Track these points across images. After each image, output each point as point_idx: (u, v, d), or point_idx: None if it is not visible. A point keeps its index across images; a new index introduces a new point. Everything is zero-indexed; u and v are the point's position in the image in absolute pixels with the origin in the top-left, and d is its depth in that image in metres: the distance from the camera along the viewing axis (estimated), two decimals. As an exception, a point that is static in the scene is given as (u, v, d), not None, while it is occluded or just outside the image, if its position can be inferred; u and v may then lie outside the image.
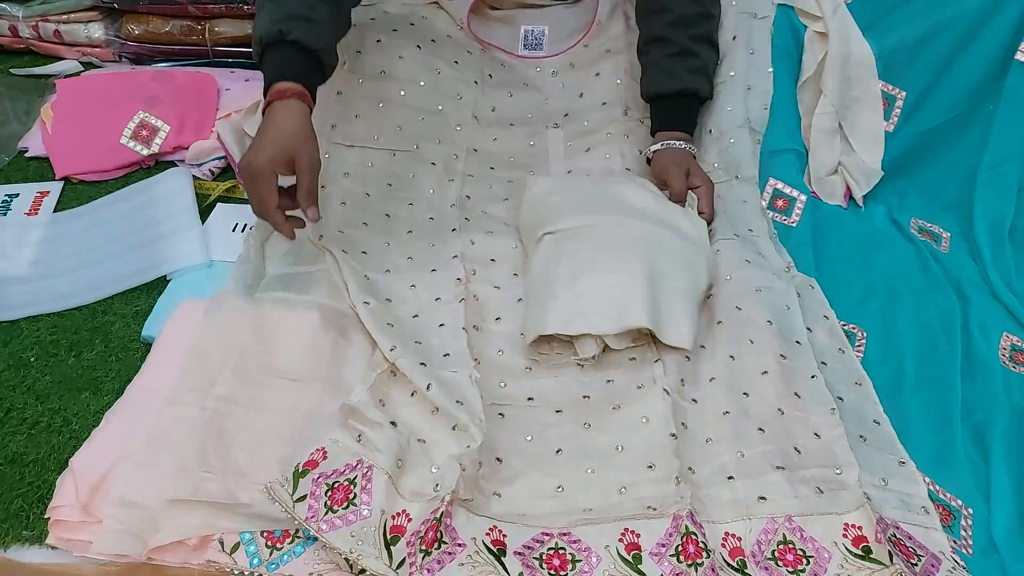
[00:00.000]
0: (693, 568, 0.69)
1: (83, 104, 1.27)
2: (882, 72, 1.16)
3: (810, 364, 0.87)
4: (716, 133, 1.15)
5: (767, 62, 1.16)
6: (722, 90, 1.15)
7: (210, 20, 1.39)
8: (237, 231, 1.08)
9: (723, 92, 1.16)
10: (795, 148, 1.16)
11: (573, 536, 0.73)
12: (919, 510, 0.76)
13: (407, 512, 0.73)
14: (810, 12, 1.16)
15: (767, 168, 1.13)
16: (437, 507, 0.71)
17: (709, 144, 1.15)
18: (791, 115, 1.17)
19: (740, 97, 1.15)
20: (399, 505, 0.74)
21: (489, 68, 1.22)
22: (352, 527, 0.71)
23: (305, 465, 0.76)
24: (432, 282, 0.98)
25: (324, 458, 0.76)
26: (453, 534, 0.71)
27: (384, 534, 0.71)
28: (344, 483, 0.74)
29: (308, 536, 0.73)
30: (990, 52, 1.14)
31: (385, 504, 0.73)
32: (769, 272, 0.98)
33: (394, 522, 0.72)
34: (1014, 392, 0.89)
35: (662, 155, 1.08)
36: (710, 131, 1.16)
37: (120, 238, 1.08)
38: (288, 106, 0.87)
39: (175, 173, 1.19)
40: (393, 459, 0.76)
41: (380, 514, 0.72)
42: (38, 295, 1.00)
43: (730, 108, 1.15)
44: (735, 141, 1.14)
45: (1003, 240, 1.08)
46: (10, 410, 0.86)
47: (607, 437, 0.81)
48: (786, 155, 1.15)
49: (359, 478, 0.74)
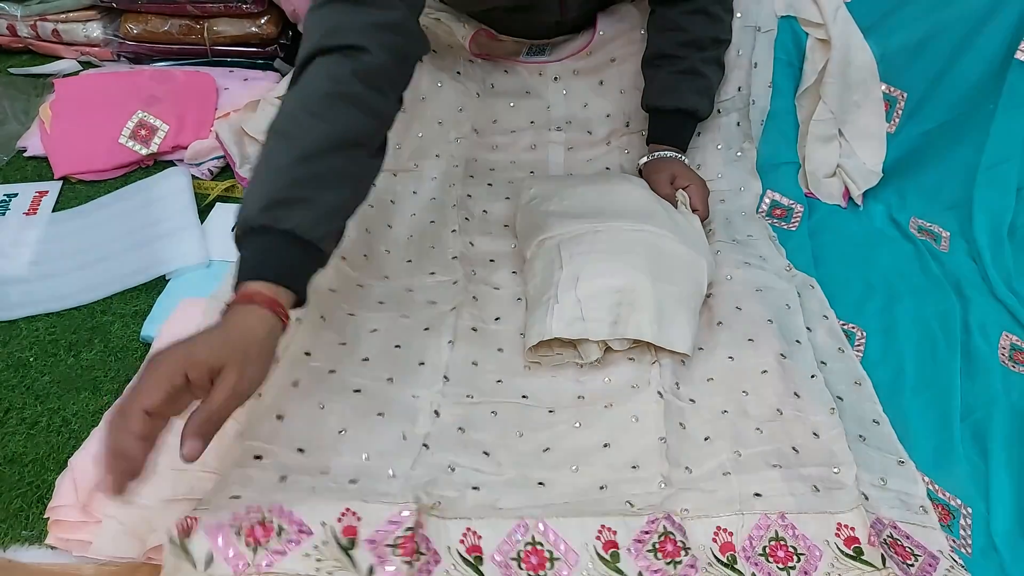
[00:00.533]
0: (672, 566, 0.69)
1: (82, 104, 1.27)
2: (883, 74, 1.17)
3: (810, 364, 0.88)
4: (723, 147, 1.17)
5: (768, 76, 1.17)
6: (729, 105, 1.16)
7: (209, 19, 1.39)
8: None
9: (730, 107, 1.17)
10: (793, 161, 1.18)
11: (550, 528, 0.71)
12: (918, 509, 0.76)
13: (351, 510, 0.67)
14: (812, 20, 1.16)
15: (765, 181, 1.15)
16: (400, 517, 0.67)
17: (715, 158, 1.17)
18: (790, 127, 1.19)
19: (747, 112, 1.17)
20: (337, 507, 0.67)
21: (491, 77, 1.21)
22: (301, 547, 0.64)
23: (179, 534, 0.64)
24: (429, 287, 0.98)
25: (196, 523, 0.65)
26: (427, 543, 0.68)
27: (338, 541, 0.65)
28: (254, 523, 0.65)
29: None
30: (990, 52, 1.14)
31: (324, 514, 0.66)
32: (770, 272, 0.99)
33: (341, 524, 0.66)
34: (1013, 392, 0.89)
35: (650, 165, 1.10)
36: (718, 146, 1.17)
37: (119, 238, 1.08)
38: (251, 312, 0.66)
39: (174, 173, 1.19)
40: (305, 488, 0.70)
41: (322, 525, 0.66)
42: (37, 295, 1.00)
43: (738, 123, 1.17)
44: (741, 155, 1.16)
45: (1002, 240, 1.08)
46: (9, 410, 0.86)
47: (595, 435, 0.81)
48: (785, 168, 1.17)
49: (268, 514, 0.66)
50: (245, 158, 1.19)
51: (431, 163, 1.13)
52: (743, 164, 1.16)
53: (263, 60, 1.41)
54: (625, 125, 1.20)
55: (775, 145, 1.18)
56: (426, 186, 1.11)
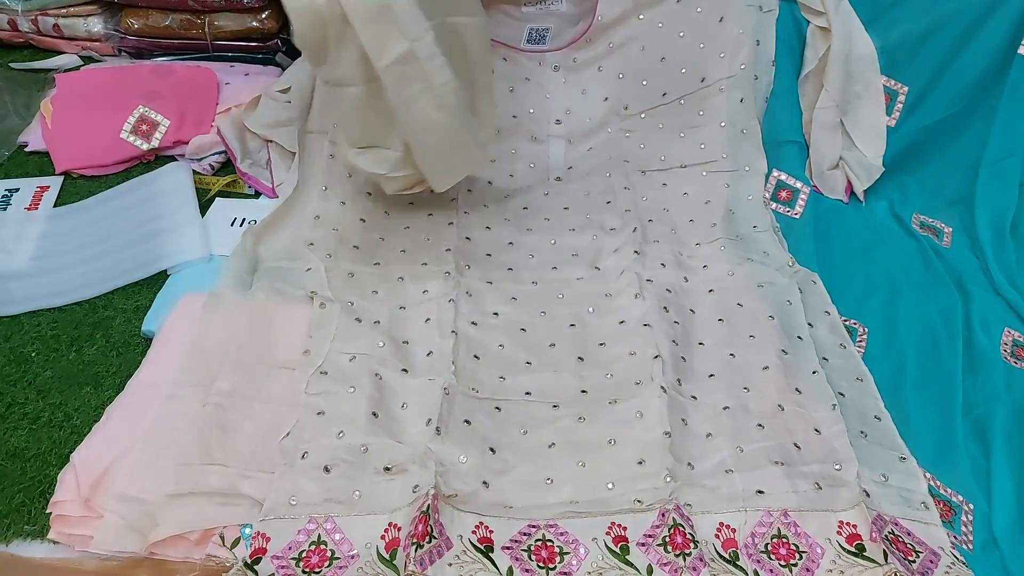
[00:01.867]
0: (681, 558, 0.70)
1: (83, 99, 1.27)
2: (884, 67, 1.16)
3: (811, 360, 0.88)
4: (727, 124, 1.16)
5: (771, 55, 1.17)
6: (732, 83, 1.16)
7: (210, 14, 1.38)
8: (236, 225, 1.08)
9: (734, 84, 1.16)
10: (797, 140, 1.17)
11: (560, 528, 0.73)
12: (919, 506, 0.76)
13: (394, 524, 0.72)
14: (813, 8, 1.16)
15: (771, 159, 1.14)
16: (423, 502, 0.71)
17: (720, 136, 1.16)
18: (794, 107, 1.18)
19: (751, 89, 1.16)
20: (382, 524, 0.73)
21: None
22: (349, 571, 0.70)
23: (252, 555, 0.71)
24: (421, 275, 0.99)
25: (268, 541, 0.72)
26: (441, 528, 0.71)
27: (382, 558, 0.70)
28: (310, 548, 0.71)
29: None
30: (992, 47, 1.14)
31: (368, 536, 0.72)
32: (772, 268, 0.99)
33: (385, 540, 0.71)
34: (1015, 388, 0.89)
35: None
36: (722, 124, 1.16)
37: (120, 233, 1.08)
38: None
39: (175, 167, 1.19)
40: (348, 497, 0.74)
41: (365, 546, 0.71)
42: (38, 290, 1.00)
43: (742, 99, 1.16)
44: (747, 132, 1.15)
45: (1005, 236, 1.09)
46: (11, 405, 0.86)
47: (600, 430, 0.82)
48: (789, 147, 1.16)
49: (323, 534, 0.72)
50: (246, 153, 1.19)
51: None
52: (748, 141, 1.15)
53: (264, 55, 1.41)
54: (624, 108, 1.19)
55: (779, 121, 1.17)
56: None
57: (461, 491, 0.74)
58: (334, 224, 1.03)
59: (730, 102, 1.16)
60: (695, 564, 0.69)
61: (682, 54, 1.15)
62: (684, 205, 1.12)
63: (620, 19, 1.17)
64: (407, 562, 0.67)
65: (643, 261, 1.00)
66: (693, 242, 1.06)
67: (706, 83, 1.16)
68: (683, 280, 1.00)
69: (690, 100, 1.17)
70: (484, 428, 0.81)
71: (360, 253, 1.00)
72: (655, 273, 0.99)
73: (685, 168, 1.16)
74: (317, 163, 1.11)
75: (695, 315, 0.95)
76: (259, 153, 1.19)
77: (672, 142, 1.17)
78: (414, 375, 0.86)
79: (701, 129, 1.16)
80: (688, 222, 1.09)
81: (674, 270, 1.01)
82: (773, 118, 1.17)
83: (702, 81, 1.16)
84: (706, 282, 1.00)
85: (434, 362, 0.87)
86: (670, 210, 1.11)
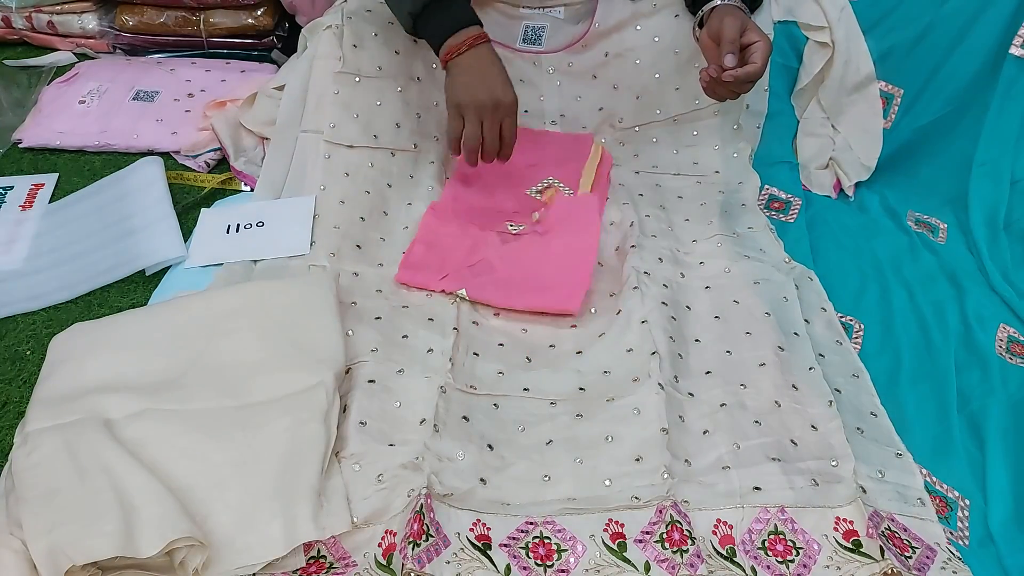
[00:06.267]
0: (678, 554, 0.70)
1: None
2: (880, 71, 1.17)
3: (808, 356, 0.88)
4: (720, 147, 1.18)
5: (764, 81, 1.17)
6: (727, 107, 1.16)
7: (205, 11, 1.38)
8: (232, 232, 1.04)
9: (726, 109, 1.17)
10: (789, 161, 1.19)
11: (557, 525, 0.73)
12: (915, 502, 0.77)
13: (389, 531, 0.72)
14: (813, 24, 1.17)
15: (762, 177, 1.16)
16: (416, 502, 0.71)
17: (713, 156, 1.18)
18: (787, 129, 1.20)
19: (743, 114, 1.19)
20: (379, 531, 0.72)
21: None
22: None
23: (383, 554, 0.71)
24: None
25: None
26: (437, 527, 0.70)
27: (380, 564, 0.70)
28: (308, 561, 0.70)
29: None
30: (984, 47, 1.15)
31: (366, 546, 0.71)
32: (768, 265, 0.99)
33: (382, 547, 0.71)
34: (1011, 383, 0.90)
35: (721, 9, 1.00)
36: (715, 147, 1.18)
37: (92, 234, 1.05)
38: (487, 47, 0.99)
39: (145, 163, 1.15)
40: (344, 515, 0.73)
41: (363, 556, 0.71)
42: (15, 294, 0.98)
43: (735, 126, 1.18)
44: (738, 156, 1.17)
45: (998, 232, 1.09)
46: (6, 404, 0.86)
47: (598, 427, 0.82)
48: (781, 167, 1.18)
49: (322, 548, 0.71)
50: (240, 151, 1.18)
51: (430, 145, 1.13)
52: (740, 162, 1.18)
53: (260, 51, 1.41)
54: (619, 121, 1.20)
55: (771, 146, 1.19)
56: (424, 171, 1.11)
57: (458, 488, 0.74)
58: (335, 223, 1.02)
59: (724, 126, 1.18)
60: (692, 560, 0.70)
61: (677, 72, 1.15)
62: (679, 204, 1.13)
63: (617, 28, 1.17)
64: (405, 561, 0.67)
65: (640, 255, 1.00)
66: (690, 239, 1.06)
67: (700, 104, 1.16)
68: (679, 276, 1.00)
69: (683, 119, 1.18)
70: (482, 425, 0.81)
71: (363, 253, 1.00)
72: (652, 267, 0.99)
73: (679, 176, 1.18)
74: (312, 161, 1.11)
75: (691, 311, 0.96)
76: (255, 150, 1.18)
77: (666, 155, 1.19)
78: (411, 374, 0.85)
79: (695, 148, 1.18)
80: (684, 221, 1.10)
81: (671, 266, 1.01)
82: (767, 142, 1.19)
83: (696, 102, 1.16)
84: (703, 278, 1.00)
85: (432, 359, 0.87)
86: (666, 208, 1.12)
